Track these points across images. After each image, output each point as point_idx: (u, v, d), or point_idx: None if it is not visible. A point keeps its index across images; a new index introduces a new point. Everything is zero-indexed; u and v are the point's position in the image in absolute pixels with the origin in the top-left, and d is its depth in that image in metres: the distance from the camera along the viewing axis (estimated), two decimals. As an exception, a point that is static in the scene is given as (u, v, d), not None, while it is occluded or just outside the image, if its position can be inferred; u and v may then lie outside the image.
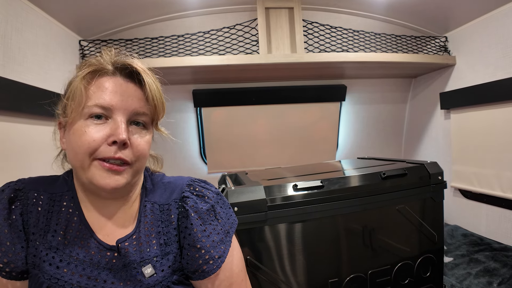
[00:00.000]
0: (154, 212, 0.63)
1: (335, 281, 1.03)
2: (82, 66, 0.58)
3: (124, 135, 0.53)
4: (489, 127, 1.81)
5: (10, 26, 1.23)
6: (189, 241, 0.60)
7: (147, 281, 0.57)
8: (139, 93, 0.58)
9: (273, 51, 1.84)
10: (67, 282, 0.54)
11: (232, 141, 2.40)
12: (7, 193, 0.57)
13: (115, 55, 0.59)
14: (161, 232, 0.61)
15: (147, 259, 0.58)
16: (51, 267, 0.55)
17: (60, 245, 0.56)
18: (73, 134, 0.55)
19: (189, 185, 0.65)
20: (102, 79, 0.56)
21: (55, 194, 0.60)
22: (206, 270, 0.59)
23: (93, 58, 0.59)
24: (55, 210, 0.58)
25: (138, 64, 0.58)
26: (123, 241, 0.58)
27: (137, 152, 0.56)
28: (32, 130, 1.34)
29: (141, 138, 0.58)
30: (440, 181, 1.18)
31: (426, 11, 1.91)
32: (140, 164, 0.58)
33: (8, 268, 0.55)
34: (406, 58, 1.94)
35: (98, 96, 0.55)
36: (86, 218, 0.59)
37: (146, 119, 0.59)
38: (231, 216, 0.68)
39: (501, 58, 1.71)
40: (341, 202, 1.03)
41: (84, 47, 1.78)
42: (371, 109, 2.56)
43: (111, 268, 0.57)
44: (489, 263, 1.48)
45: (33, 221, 0.57)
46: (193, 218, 0.60)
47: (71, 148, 0.56)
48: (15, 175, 0.63)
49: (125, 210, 0.61)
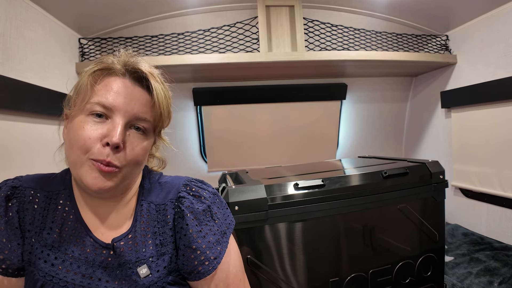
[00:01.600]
0: (150, 212, 0.62)
1: (336, 280, 1.02)
2: (96, 62, 0.58)
3: (118, 139, 0.52)
4: (490, 126, 1.80)
5: (9, 24, 1.23)
6: (185, 242, 0.60)
7: (142, 281, 0.56)
8: (145, 98, 0.58)
9: (273, 50, 1.83)
10: (61, 279, 0.54)
11: (232, 139, 2.40)
12: (4, 190, 0.57)
13: (130, 56, 0.59)
14: (157, 233, 0.61)
15: (142, 259, 0.58)
16: (46, 264, 0.55)
17: (56, 242, 0.56)
18: (72, 127, 0.55)
19: (185, 185, 0.64)
20: (110, 79, 0.56)
21: (51, 192, 0.60)
22: (201, 271, 0.59)
23: (108, 56, 0.59)
24: (51, 208, 0.58)
25: (147, 69, 0.58)
26: (119, 240, 0.58)
27: (129, 157, 0.55)
28: (32, 128, 1.33)
29: (138, 144, 0.57)
30: (441, 180, 1.18)
31: (427, 10, 1.91)
32: (131, 170, 0.57)
33: (4, 264, 0.55)
34: (407, 57, 1.94)
35: (102, 94, 0.54)
36: (82, 216, 0.59)
37: (147, 126, 0.58)
38: (228, 216, 0.67)
39: (502, 57, 1.71)
40: (342, 201, 1.03)
41: (84, 45, 1.77)
42: (371, 108, 2.55)
43: (106, 266, 0.56)
44: (489, 262, 1.48)
45: (29, 218, 0.57)
46: (189, 218, 0.60)
47: (68, 141, 0.56)
48: (14, 173, 0.63)
49: (121, 209, 0.61)
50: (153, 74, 0.59)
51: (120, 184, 0.56)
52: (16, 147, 1.24)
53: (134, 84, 0.57)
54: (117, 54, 0.59)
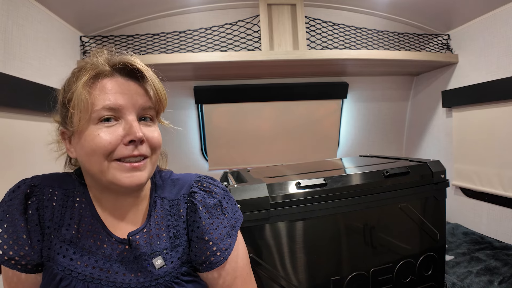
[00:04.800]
0: (164, 207, 0.65)
1: (337, 279, 1.03)
2: (78, 72, 0.57)
3: (141, 133, 0.55)
4: (491, 126, 1.81)
5: (11, 21, 1.22)
6: (197, 234, 0.62)
7: (157, 272, 0.59)
8: (141, 89, 0.59)
9: (275, 48, 1.83)
10: (80, 273, 0.56)
11: (233, 138, 2.40)
12: (23, 189, 0.58)
13: (108, 55, 0.59)
14: (171, 226, 0.64)
15: (157, 251, 0.60)
16: (65, 259, 0.57)
17: (74, 238, 0.58)
18: (85, 140, 0.55)
19: (197, 181, 0.68)
20: (103, 82, 0.56)
21: (68, 190, 0.62)
22: (213, 261, 0.62)
23: (85, 61, 0.59)
24: (68, 205, 0.60)
25: (137, 62, 0.58)
26: (134, 234, 0.60)
27: (153, 145, 0.59)
28: (33, 126, 1.33)
29: (152, 131, 0.60)
30: (442, 179, 1.18)
31: (428, 9, 1.91)
32: (157, 156, 0.61)
33: (24, 261, 0.56)
34: (408, 56, 1.93)
35: (103, 98, 0.55)
36: (98, 213, 0.61)
37: (152, 113, 0.61)
38: (236, 211, 0.70)
39: (503, 57, 1.71)
40: (344, 200, 1.03)
41: (85, 43, 1.77)
42: (372, 107, 2.55)
43: (122, 260, 0.59)
44: (490, 261, 1.48)
45: (48, 215, 0.58)
46: (201, 212, 0.63)
47: (84, 155, 0.56)
48: (14, 171, 0.63)
49: (137, 206, 0.64)
50: (142, 64, 0.58)
51: (152, 172, 0.60)
52: (17, 145, 1.24)
53: (127, 79, 0.58)
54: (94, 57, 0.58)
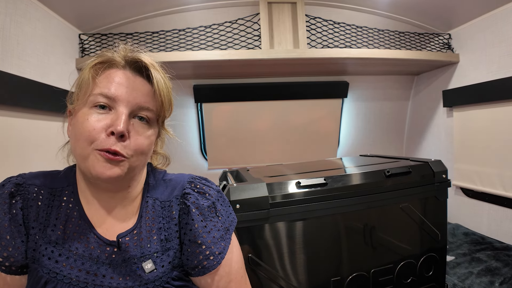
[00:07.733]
0: (156, 208, 0.63)
1: (338, 279, 1.02)
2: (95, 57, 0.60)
3: (123, 127, 0.53)
4: (492, 126, 1.80)
5: (9, 19, 1.21)
6: (190, 237, 0.60)
7: (147, 276, 0.57)
8: (146, 88, 0.59)
9: (275, 47, 1.82)
10: (65, 276, 0.54)
11: (233, 137, 2.39)
12: (7, 187, 0.57)
13: (129, 51, 0.60)
14: (162, 228, 0.61)
15: (147, 255, 0.58)
16: (50, 261, 0.55)
17: (60, 239, 0.56)
18: (76, 121, 0.56)
19: (190, 182, 0.65)
20: (111, 70, 0.57)
21: (55, 189, 0.60)
22: (206, 266, 0.60)
23: (107, 50, 0.60)
24: (55, 204, 0.58)
25: (147, 59, 0.58)
26: (124, 236, 0.58)
27: (135, 146, 0.56)
28: (32, 124, 1.32)
29: (142, 133, 0.58)
30: (444, 179, 1.17)
31: (430, 8, 1.90)
32: (137, 160, 0.57)
33: (8, 262, 0.55)
34: (409, 55, 1.92)
35: (104, 86, 0.55)
36: (86, 213, 0.59)
37: (150, 115, 0.59)
38: (230, 214, 0.68)
39: (504, 56, 1.70)
40: (344, 200, 1.02)
41: (84, 41, 1.76)
42: (373, 106, 2.54)
43: (110, 263, 0.57)
44: (490, 262, 1.47)
45: (33, 215, 0.57)
46: (194, 214, 0.61)
47: (73, 135, 0.56)
48: (14, 170, 0.62)
49: (126, 205, 0.61)
50: (153, 64, 0.59)
51: (128, 174, 0.56)
52: (15, 143, 1.23)
53: (135, 75, 0.58)
54: (117, 48, 0.60)
